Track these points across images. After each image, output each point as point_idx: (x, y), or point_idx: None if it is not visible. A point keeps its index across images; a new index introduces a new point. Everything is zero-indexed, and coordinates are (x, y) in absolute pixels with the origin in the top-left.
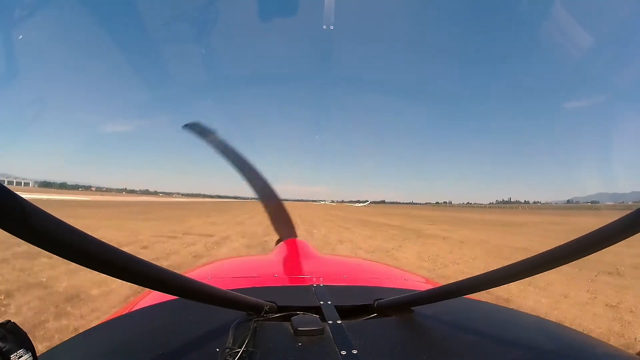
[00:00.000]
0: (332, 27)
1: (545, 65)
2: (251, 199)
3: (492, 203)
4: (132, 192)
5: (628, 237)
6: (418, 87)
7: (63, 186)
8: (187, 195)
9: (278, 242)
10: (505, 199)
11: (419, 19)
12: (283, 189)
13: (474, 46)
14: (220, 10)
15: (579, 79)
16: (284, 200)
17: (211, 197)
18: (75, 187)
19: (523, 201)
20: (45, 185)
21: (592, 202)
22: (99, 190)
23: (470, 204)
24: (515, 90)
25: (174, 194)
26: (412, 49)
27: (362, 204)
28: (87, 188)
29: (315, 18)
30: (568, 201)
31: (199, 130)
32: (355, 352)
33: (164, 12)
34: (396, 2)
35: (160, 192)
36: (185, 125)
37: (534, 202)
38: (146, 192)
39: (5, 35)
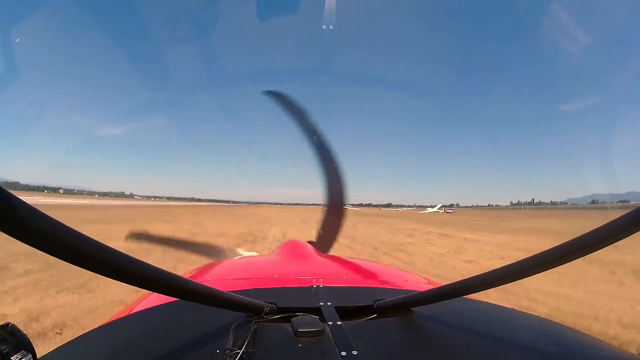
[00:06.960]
0: (331, 27)
1: (546, 66)
2: (233, 203)
3: (516, 204)
4: (105, 195)
5: (628, 235)
6: (418, 88)
7: (14, 186)
8: (179, 199)
9: None
10: (528, 201)
11: (419, 19)
12: (287, 193)
13: (477, 47)
14: (219, 11)
15: (579, 79)
16: (293, 204)
17: (201, 201)
18: (40, 189)
19: (549, 202)
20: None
21: (620, 202)
22: (68, 192)
23: (492, 205)
24: (517, 91)
25: (155, 197)
26: (412, 51)
27: (434, 209)
28: (54, 190)
29: (315, 18)
30: (593, 201)
31: (286, 102)
32: (355, 353)
33: (163, 12)
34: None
35: (137, 196)
36: (268, 92)
37: (561, 203)
38: (121, 195)
39: None
